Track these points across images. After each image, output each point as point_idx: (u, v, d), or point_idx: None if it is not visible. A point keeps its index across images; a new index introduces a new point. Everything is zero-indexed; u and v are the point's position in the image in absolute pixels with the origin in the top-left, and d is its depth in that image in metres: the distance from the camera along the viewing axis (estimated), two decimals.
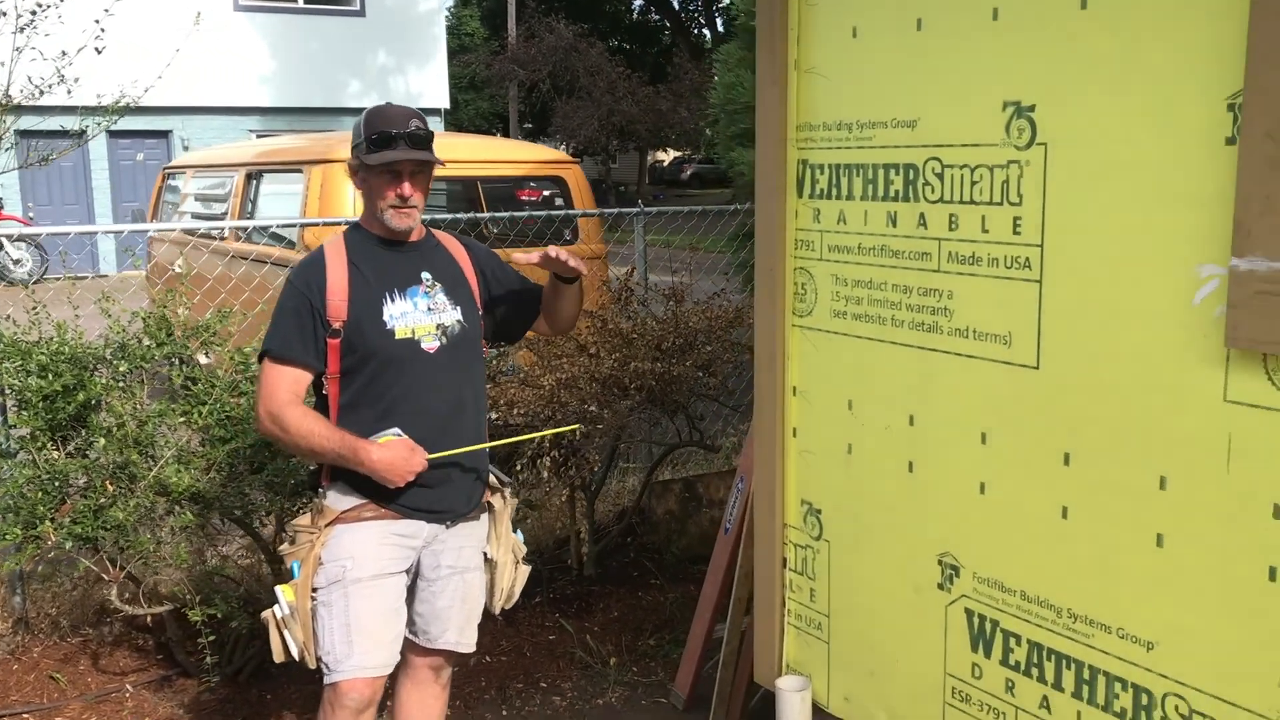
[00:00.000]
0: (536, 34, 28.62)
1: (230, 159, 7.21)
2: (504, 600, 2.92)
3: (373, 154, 2.62)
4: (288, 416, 2.60)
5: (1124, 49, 2.02)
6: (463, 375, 2.78)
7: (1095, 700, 2.20)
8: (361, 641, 2.61)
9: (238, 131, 18.32)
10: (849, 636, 2.78)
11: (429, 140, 2.67)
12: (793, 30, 2.72)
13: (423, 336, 2.69)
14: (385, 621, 2.65)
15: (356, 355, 2.66)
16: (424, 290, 2.73)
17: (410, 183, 2.66)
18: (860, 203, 2.60)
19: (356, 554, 2.63)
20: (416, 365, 2.69)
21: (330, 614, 2.62)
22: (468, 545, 2.82)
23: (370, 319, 2.66)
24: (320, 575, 2.64)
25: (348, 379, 2.68)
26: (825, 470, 2.79)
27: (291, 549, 2.71)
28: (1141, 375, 2.05)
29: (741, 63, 6.49)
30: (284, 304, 2.67)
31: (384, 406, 2.66)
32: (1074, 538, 2.20)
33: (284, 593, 2.65)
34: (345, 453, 2.58)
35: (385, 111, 2.66)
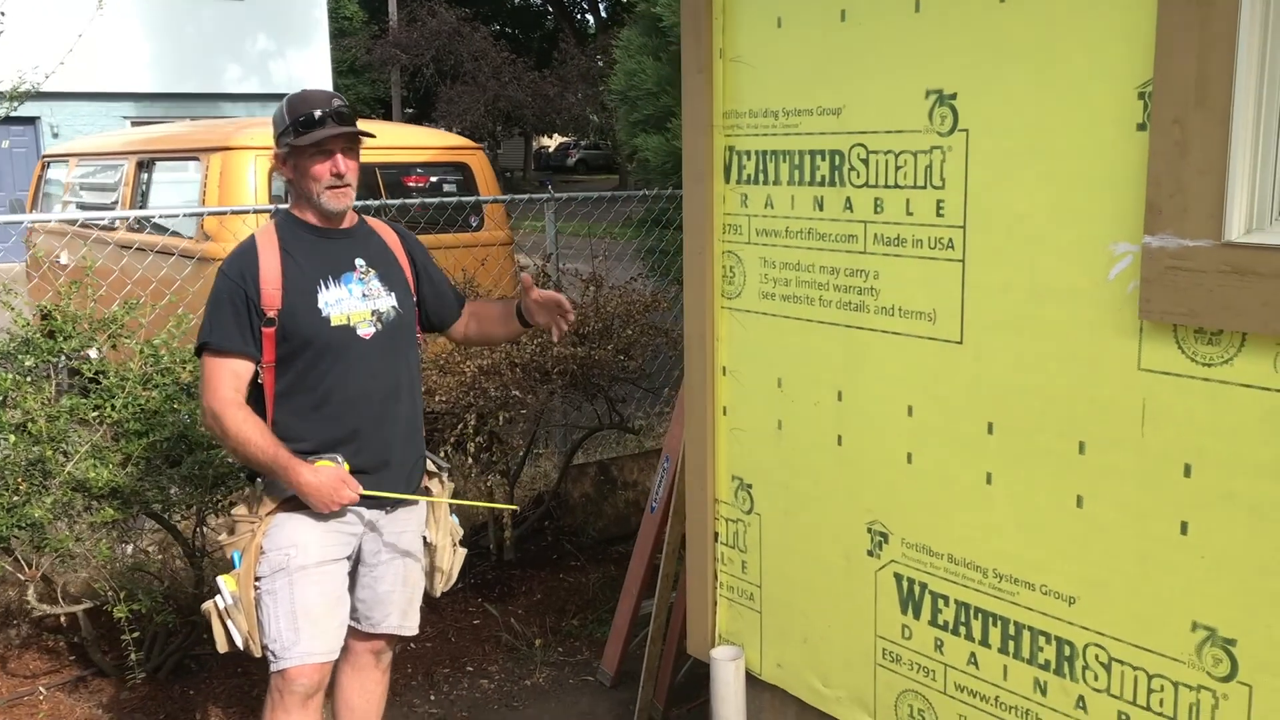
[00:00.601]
0: (418, 18, 28.22)
1: (119, 146, 6.99)
2: (444, 583, 2.95)
3: (303, 135, 2.61)
4: (228, 418, 2.59)
5: (1040, 40, 2.14)
6: (399, 361, 2.79)
7: (1021, 654, 2.34)
8: (308, 628, 2.61)
9: (110, 118, 17.69)
10: (781, 606, 2.89)
11: (354, 118, 2.68)
12: (718, 19, 2.79)
13: (358, 323, 2.70)
14: (330, 608, 2.66)
15: (292, 344, 2.65)
16: (358, 276, 2.73)
17: (344, 158, 2.66)
18: (787, 188, 2.69)
19: (299, 541, 2.63)
20: (352, 352, 2.69)
21: (275, 601, 2.61)
22: (407, 530, 2.84)
23: (305, 306, 2.65)
24: (263, 564, 2.63)
25: (283, 367, 2.67)
26: (756, 446, 2.88)
27: (231, 539, 2.69)
28: (1060, 347, 2.19)
29: (642, 49, 6.56)
30: (218, 295, 2.65)
31: (320, 394, 2.67)
32: (998, 502, 2.33)
33: (226, 583, 2.64)
34: (277, 469, 2.58)
35: (306, 95, 2.66)
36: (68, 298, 3.88)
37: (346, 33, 33.99)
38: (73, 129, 16.86)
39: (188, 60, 18.53)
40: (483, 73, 27.50)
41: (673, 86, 6.17)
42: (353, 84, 36.24)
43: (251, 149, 5.63)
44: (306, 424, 2.66)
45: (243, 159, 5.56)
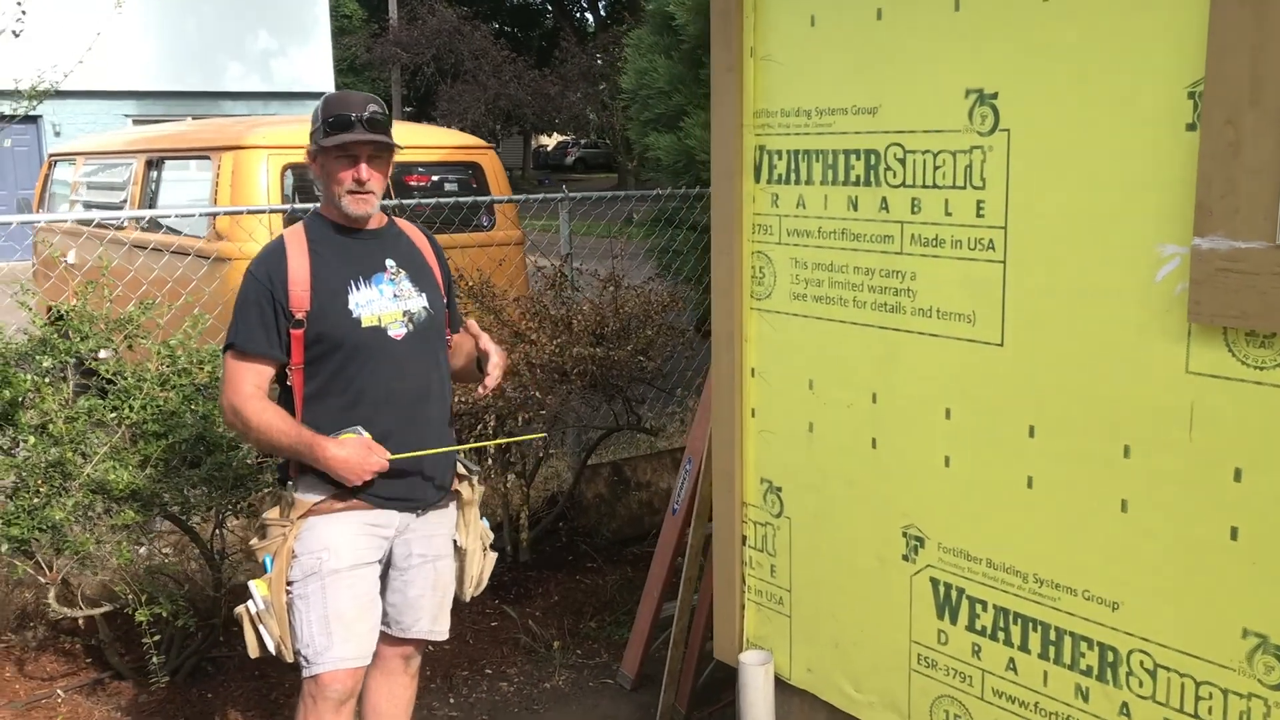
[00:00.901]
0: (419, 16, 28.16)
1: (127, 145, 6.96)
2: (474, 587, 2.92)
3: (329, 137, 2.59)
4: (248, 410, 2.58)
5: (1086, 39, 2.12)
6: (429, 362, 2.76)
7: (1062, 660, 2.31)
8: (341, 632, 2.59)
9: (112, 116, 17.64)
10: (811, 610, 2.86)
11: (386, 125, 2.65)
12: (748, 18, 2.76)
13: (389, 324, 2.67)
14: (363, 612, 2.64)
15: (322, 345, 2.62)
16: (389, 277, 2.71)
17: (368, 166, 2.63)
18: (820, 187, 2.66)
19: (332, 545, 2.60)
20: (383, 353, 2.66)
21: (308, 606, 2.59)
22: (438, 533, 2.81)
23: (335, 308, 2.63)
24: (295, 568, 2.61)
25: (313, 369, 2.64)
26: (785, 449, 2.86)
27: (262, 543, 2.67)
28: (1105, 349, 2.16)
29: (653, 48, 6.53)
30: (245, 295, 2.63)
31: (351, 396, 2.64)
32: (1039, 506, 2.31)
33: (258, 587, 2.61)
34: (302, 448, 2.57)
35: (343, 96, 2.64)
36: (83, 298, 3.85)
37: (346, 31, 33.95)
38: (75, 127, 16.81)
39: (189, 58, 18.48)
40: (483, 71, 27.46)
41: (685, 85, 6.15)
42: (352, 82, 36.17)
43: (264, 148, 5.60)
44: (337, 425, 2.63)
45: (255, 158, 5.52)
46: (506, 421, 4.02)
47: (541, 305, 4.17)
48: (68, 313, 3.76)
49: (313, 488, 2.63)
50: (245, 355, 2.60)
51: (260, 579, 2.64)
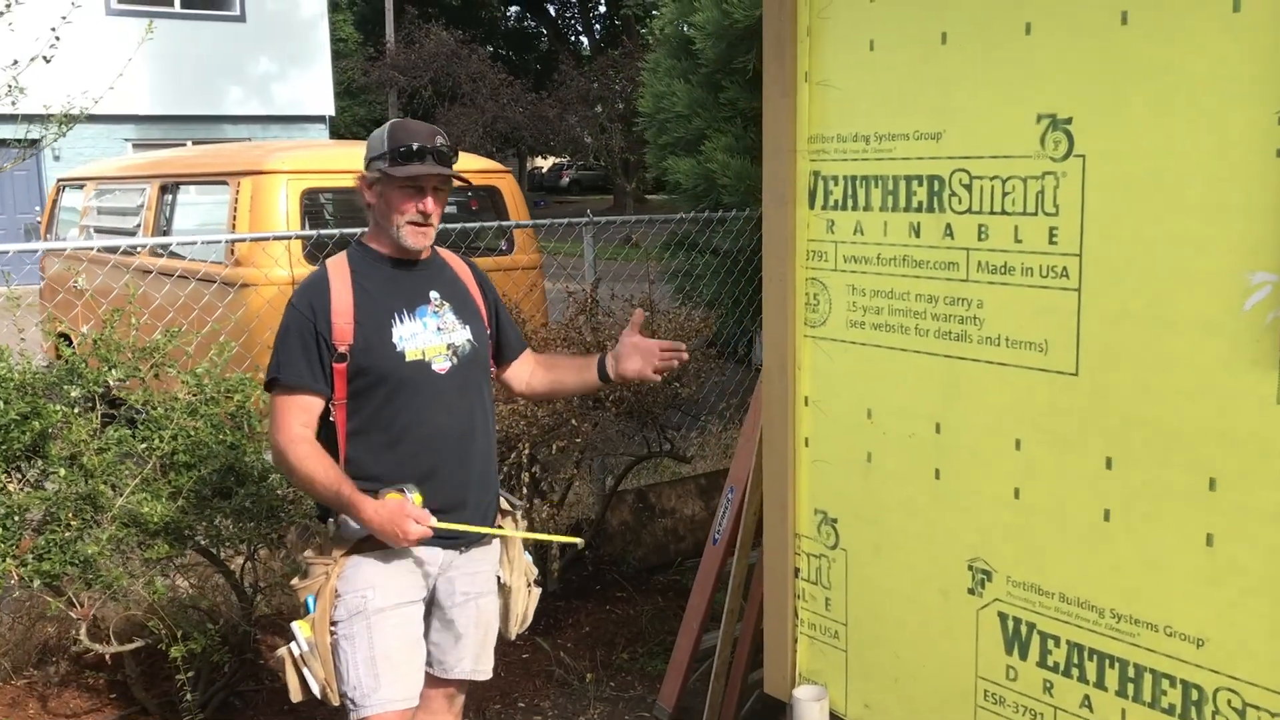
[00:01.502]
0: (416, 40, 28.22)
1: (140, 170, 6.91)
2: (519, 625, 2.86)
3: (399, 167, 2.53)
4: (292, 454, 2.50)
5: (1165, 62, 2.08)
6: (474, 396, 2.70)
7: (1142, 698, 2.25)
8: (388, 673, 2.52)
9: (112, 140, 17.61)
10: (869, 644, 2.80)
11: (453, 158, 2.60)
12: (803, 42, 2.72)
13: (433, 358, 2.61)
14: (410, 652, 2.57)
15: (365, 380, 2.56)
16: (433, 309, 2.65)
17: (433, 200, 2.59)
18: (879, 213, 2.62)
19: (377, 583, 2.54)
20: (428, 388, 2.60)
21: (353, 647, 2.52)
22: (482, 570, 2.75)
23: (379, 341, 2.56)
24: (339, 607, 2.54)
25: (355, 403, 2.57)
26: (842, 479, 2.80)
27: (304, 583, 2.59)
28: (1187, 380, 2.11)
29: (671, 71, 6.50)
30: (287, 328, 2.56)
31: (395, 432, 2.57)
32: (1116, 540, 2.25)
33: (301, 629, 2.53)
34: (342, 507, 2.50)
35: (410, 125, 2.58)
36: (110, 325, 3.78)
37: (342, 54, 34.00)
38: (74, 151, 16.74)
39: (189, 83, 18.45)
40: (481, 94, 27.49)
41: (704, 109, 6.12)
42: (349, 105, 36.24)
43: (283, 173, 5.55)
44: (381, 463, 2.57)
45: (274, 183, 5.47)
46: (540, 449, 3.96)
47: (575, 330, 4.11)
48: (96, 341, 3.69)
49: (354, 526, 2.56)
50: (291, 390, 2.53)
51: (303, 620, 2.56)
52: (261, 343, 4.73)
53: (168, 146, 14.80)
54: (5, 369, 3.46)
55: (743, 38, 5.66)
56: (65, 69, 4.18)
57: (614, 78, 26.67)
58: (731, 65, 5.81)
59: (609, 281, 4.96)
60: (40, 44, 3.82)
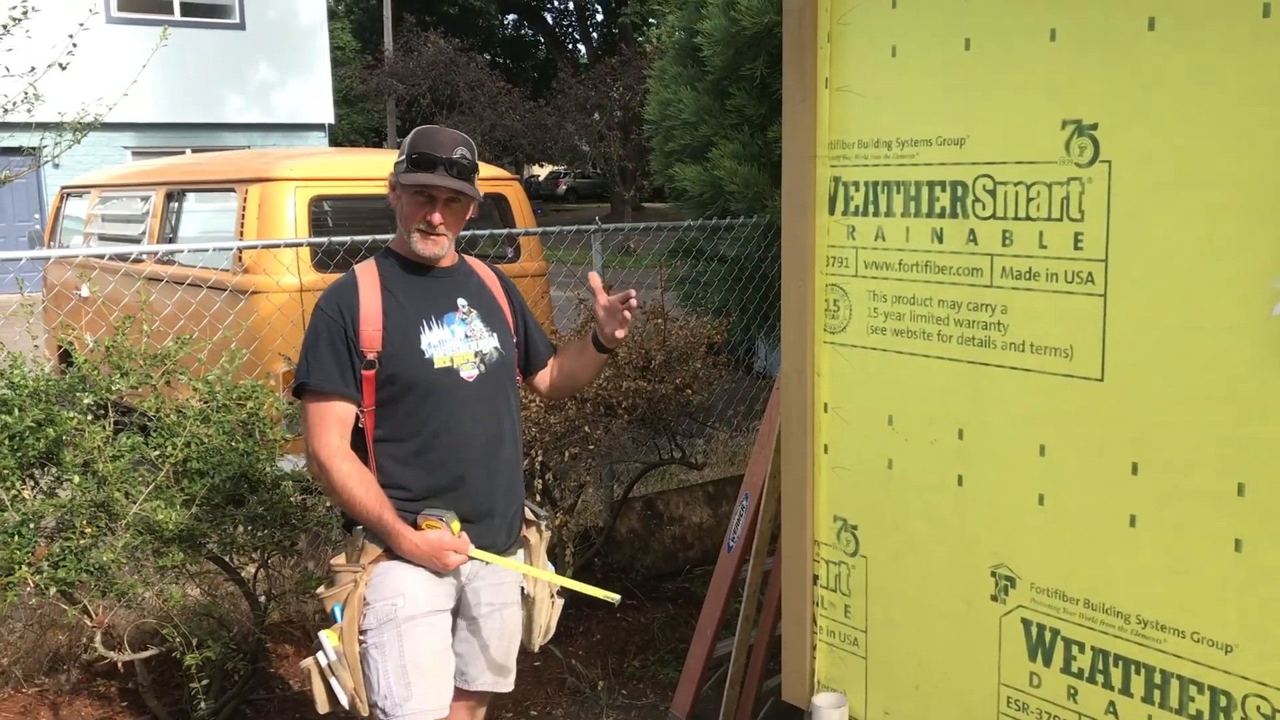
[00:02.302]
0: (414, 48, 28.24)
1: (146, 177, 6.90)
2: (542, 636, 2.85)
3: (408, 174, 2.54)
4: (334, 472, 2.50)
5: (1194, 68, 2.08)
6: (501, 404, 2.70)
7: (1168, 704, 2.25)
8: (419, 682, 2.51)
9: (111, 148, 17.58)
10: (889, 651, 2.79)
11: (471, 171, 2.59)
12: (823, 48, 2.73)
13: (461, 365, 2.61)
14: (440, 660, 2.56)
15: (394, 387, 2.55)
16: (460, 316, 2.65)
17: (442, 211, 2.58)
18: (901, 219, 2.62)
19: (407, 591, 2.53)
20: (456, 395, 2.59)
21: (384, 655, 2.51)
22: (506, 580, 2.75)
23: (407, 348, 2.56)
24: (369, 616, 2.53)
25: (384, 411, 2.57)
26: (862, 486, 2.79)
27: (330, 591, 2.58)
28: (1215, 385, 2.11)
29: (677, 78, 6.50)
30: (317, 332, 2.55)
31: (423, 440, 2.57)
32: (1143, 545, 2.25)
33: (329, 638, 2.52)
34: (382, 533, 2.51)
35: (433, 134, 2.57)
36: (122, 332, 3.77)
37: (340, 62, 34.01)
38: (74, 159, 16.69)
39: (189, 90, 18.45)
40: (479, 102, 27.51)
41: (711, 116, 6.12)
42: (346, 113, 36.25)
43: (291, 180, 5.54)
44: (409, 471, 2.57)
45: (282, 190, 5.47)
46: (553, 456, 3.95)
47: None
48: (108, 348, 3.68)
49: None
50: (323, 395, 2.52)
51: (330, 629, 2.54)
52: (272, 350, 4.73)
53: (167, 154, 14.81)
54: (19, 376, 3.45)
55: (750, 45, 5.67)
56: (68, 78, 4.17)
57: (612, 85, 26.72)
58: (739, 72, 5.82)
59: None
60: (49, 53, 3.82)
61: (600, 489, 5.33)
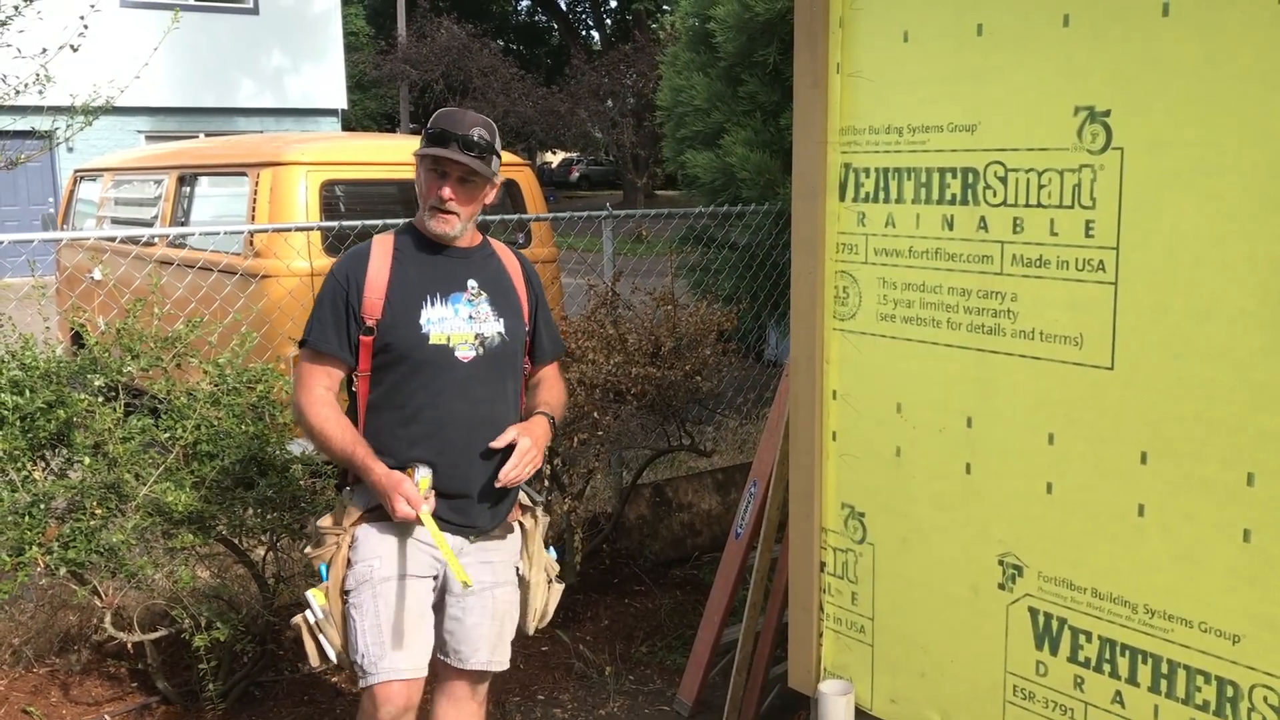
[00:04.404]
0: (427, 34, 28.21)
1: (158, 161, 6.91)
2: (537, 620, 2.85)
3: (425, 147, 2.57)
4: (311, 413, 2.59)
5: (1209, 54, 2.06)
6: (497, 389, 2.69)
7: (1175, 694, 2.24)
8: (393, 640, 2.56)
9: (125, 132, 17.58)
10: (895, 639, 2.79)
11: (486, 152, 2.59)
12: (835, 34, 2.71)
13: (458, 345, 2.62)
14: (415, 624, 2.60)
15: (388, 355, 2.60)
16: (468, 298, 2.66)
17: (453, 188, 2.59)
18: (912, 206, 2.61)
19: (383, 553, 2.58)
20: (447, 374, 2.61)
21: (361, 615, 2.56)
22: (495, 559, 2.74)
23: (406, 320, 2.60)
24: (349, 577, 2.59)
25: (377, 377, 2.63)
26: (870, 473, 2.79)
27: (317, 551, 2.64)
28: (1226, 374, 2.10)
29: (690, 65, 6.48)
30: (324, 295, 2.63)
31: (409, 412, 2.60)
32: (1152, 535, 2.24)
33: (315, 597, 2.58)
34: (354, 468, 2.57)
35: (454, 113, 2.60)
36: (133, 315, 3.78)
37: (353, 48, 33.98)
38: (87, 143, 16.72)
39: (203, 75, 18.44)
40: (492, 89, 27.46)
41: (723, 103, 6.10)
42: (359, 99, 36.25)
43: (303, 164, 5.54)
44: (393, 439, 2.60)
45: (294, 174, 5.47)
46: (562, 442, 3.95)
47: (596, 324, 4.11)
48: (119, 331, 3.70)
49: (369, 495, 2.60)
50: (318, 355, 2.61)
51: (317, 588, 2.61)
52: (283, 333, 4.73)
53: (180, 139, 14.83)
54: (31, 358, 3.47)
55: (763, 31, 5.64)
56: (81, 61, 4.18)
57: (625, 72, 26.63)
58: (751, 59, 5.79)
59: (627, 276, 4.95)
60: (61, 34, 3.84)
61: (609, 475, 5.33)
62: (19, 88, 3.80)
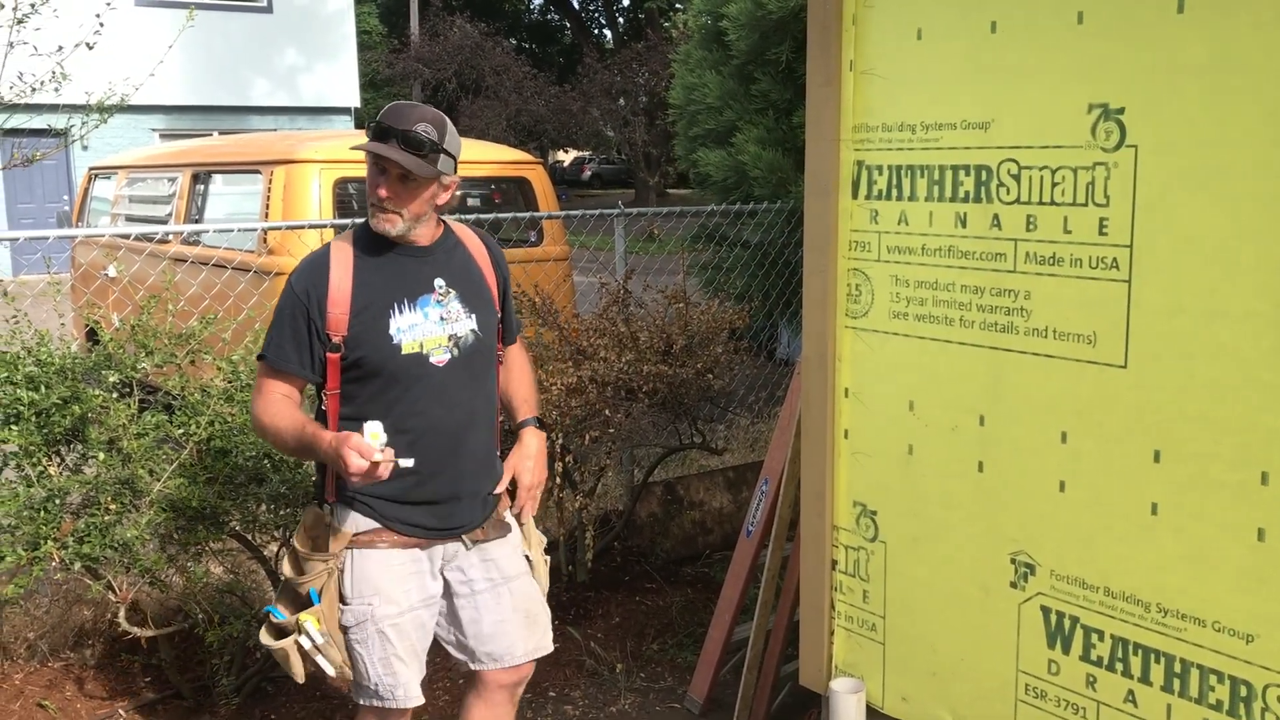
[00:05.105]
0: (440, 32, 28.26)
1: (173, 159, 6.94)
2: None
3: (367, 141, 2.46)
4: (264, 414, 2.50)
5: (1224, 52, 2.06)
6: (475, 388, 2.62)
7: (1188, 693, 2.23)
8: (403, 672, 2.57)
9: (139, 130, 17.66)
10: (906, 637, 2.79)
11: (424, 149, 2.43)
12: (848, 31, 2.71)
13: (432, 350, 2.53)
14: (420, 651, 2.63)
15: (359, 370, 2.50)
16: (436, 299, 2.56)
17: (390, 186, 2.45)
18: (925, 204, 2.60)
19: (381, 589, 2.54)
20: (424, 381, 2.53)
21: (368, 650, 2.55)
22: (498, 556, 2.69)
23: (375, 333, 2.49)
24: (346, 614, 2.54)
25: (349, 392, 2.52)
26: (882, 471, 2.79)
27: (305, 578, 2.55)
28: (1239, 372, 2.09)
29: (702, 63, 6.48)
30: (281, 309, 2.51)
31: (390, 424, 2.47)
32: (1164, 534, 2.23)
33: (311, 623, 2.51)
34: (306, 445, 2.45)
35: (400, 107, 2.47)
36: (148, 312, 3.80)
37: (366, 46, 34.03)
38: (102, 141, 16.79)
39: (217, 74, 18.51)
40: (504, 87, 27.49)
41: (736, 101, 6.10)
42: (372, 98, 36.31)
43: (316, 162, 5.56)
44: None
45: (307, 172, 5.49)
46: (573, 439, 3.96)
47: (608, 321, 4.11)
48: (134, 327, 3.72)
49: (354, 517, 2.54)
50: (275, 370, 2.52)
51: (308, 612, 2.52)
52: None
53: (195, 137, 14.88)
54: (47, 354, 3.49)
55: (776, 29, 5.64)
56: (96, 59, 4.19)
57: (637, 70, 26.64)
58: (764, 56, 5.78)
59: (639, 274, 4.95)
60: (76, 33, 3.85)
61: (620, 473, 5.33)
62: (35, 85, 3.82)
